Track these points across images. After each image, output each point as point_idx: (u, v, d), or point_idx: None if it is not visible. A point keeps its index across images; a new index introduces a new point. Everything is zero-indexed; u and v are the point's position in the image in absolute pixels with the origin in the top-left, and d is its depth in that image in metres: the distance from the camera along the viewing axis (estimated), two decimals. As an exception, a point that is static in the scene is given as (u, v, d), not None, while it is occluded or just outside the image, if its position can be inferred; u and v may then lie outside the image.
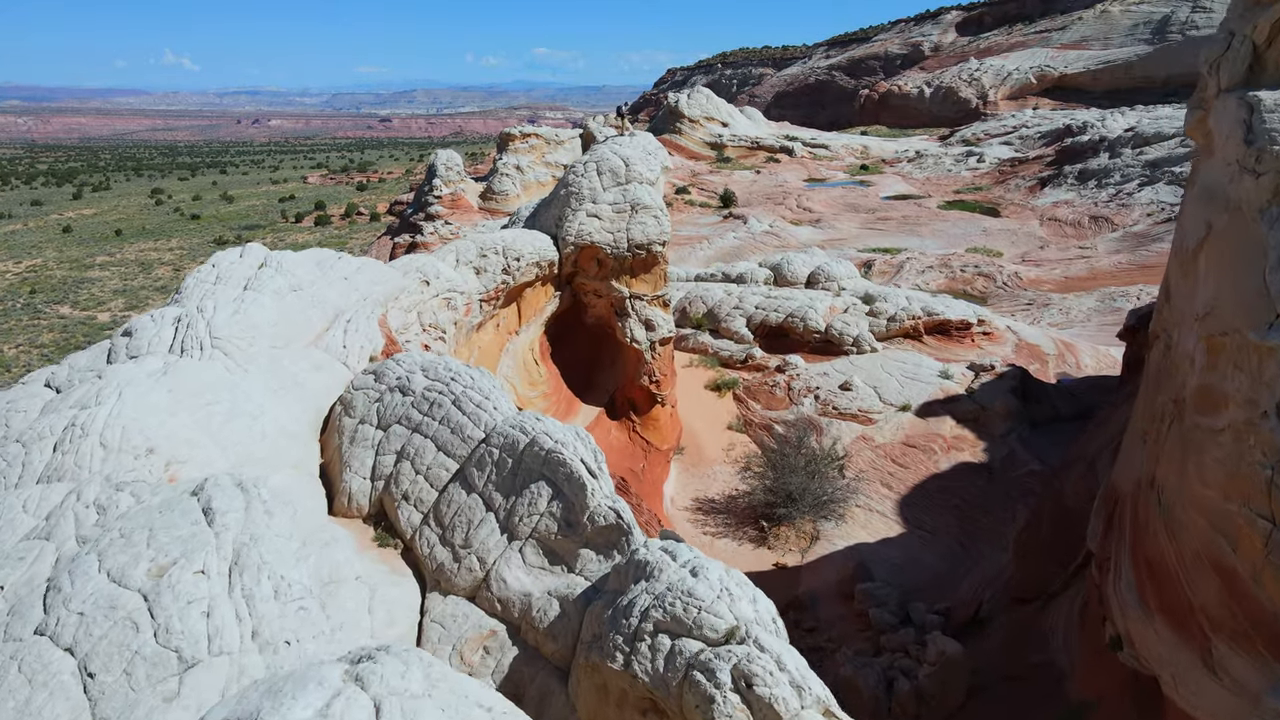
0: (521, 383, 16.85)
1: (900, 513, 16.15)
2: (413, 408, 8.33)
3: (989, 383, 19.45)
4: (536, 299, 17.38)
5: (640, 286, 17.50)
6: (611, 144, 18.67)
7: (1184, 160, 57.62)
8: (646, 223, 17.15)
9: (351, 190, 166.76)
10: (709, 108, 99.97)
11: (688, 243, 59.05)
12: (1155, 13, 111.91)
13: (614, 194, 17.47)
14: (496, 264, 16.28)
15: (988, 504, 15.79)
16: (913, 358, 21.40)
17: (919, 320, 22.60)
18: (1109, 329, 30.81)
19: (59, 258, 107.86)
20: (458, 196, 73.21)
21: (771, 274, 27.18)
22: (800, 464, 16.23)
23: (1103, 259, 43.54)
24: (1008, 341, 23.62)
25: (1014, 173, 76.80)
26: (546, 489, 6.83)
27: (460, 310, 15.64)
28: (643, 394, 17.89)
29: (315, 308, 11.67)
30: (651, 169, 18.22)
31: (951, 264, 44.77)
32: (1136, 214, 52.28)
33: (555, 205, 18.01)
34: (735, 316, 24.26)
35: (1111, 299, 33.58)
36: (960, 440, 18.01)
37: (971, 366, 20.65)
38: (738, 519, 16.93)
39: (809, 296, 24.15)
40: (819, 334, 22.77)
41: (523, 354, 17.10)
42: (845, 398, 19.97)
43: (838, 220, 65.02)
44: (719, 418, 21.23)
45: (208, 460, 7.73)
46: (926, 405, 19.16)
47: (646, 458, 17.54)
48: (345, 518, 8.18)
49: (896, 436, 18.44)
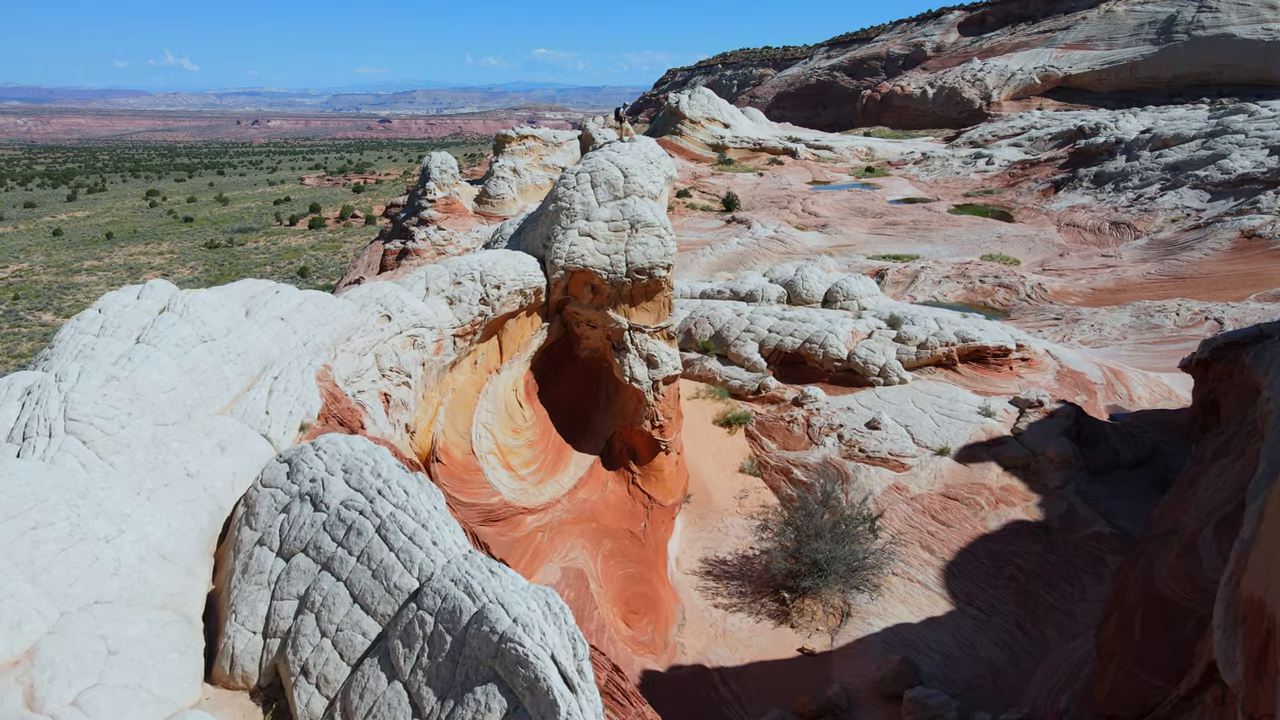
0: (503, 429, 14.48)
1: (946, 583, 13.81)
2: (325, 531, 5.99)
3: (1038, 422, 17.09)
4: (521, 331, 15.01)
5: (641, 317, 15.12)
6: (608, 151, 16.31)
7: (1207, 163, 55.33)
8: (648, 243, 14.78)
9: (348, 192, 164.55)
10: (710, 108, 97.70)
11: (689, 248, 56.76)
12: (1160, 12, 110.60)
13: (610, 209, 15.11)
14: (473, 293, 13.92)
15: (1050, 576, 13.45)
16: (947, 390, 19.02)
17: (952, 347, 20.19)
18: (1148, 348, 28.48)
19: (46, 262, 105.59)
20: (452, 200, 70.90)
21: (784, 291, 24.80)
22: (826, 526, 13.89)
23: (1129, 268, 41.16)
24: (1048, 368, 21.25)
25: (1025, 175, 74.69)
26: (499, 699, 4.48)
27: (429, 349, 13.28)
28: (644, 440, 15.51)
29: (233, 362, 9.29)
30: (654, 180, 15.85)
31: (969, 273, 42.40)
32: (1160, 220, 49.95)
33: (543, 222, 15.64)
34: (746, 340, 21.89)
35: (1147, 314, 31.20)
36: (1009, 492, 15.66)
37: (1015, 402, 18.27)
38: (754, 587, 14.60)
39: (828, 319, 21.74)
40: (840, 362, 20.39)
41: (504, 395, 14.74)
42: (873, 438, 17.61)
43: (845, 225, 62.74)
44: (730, 458, 18.87)
45: (20, 618, 5.37)
46: (967, 449, 16.80)
47: (649, 515, 15.18)
48: (227, 688, 5.82)
49: (935, 486, 16.08)
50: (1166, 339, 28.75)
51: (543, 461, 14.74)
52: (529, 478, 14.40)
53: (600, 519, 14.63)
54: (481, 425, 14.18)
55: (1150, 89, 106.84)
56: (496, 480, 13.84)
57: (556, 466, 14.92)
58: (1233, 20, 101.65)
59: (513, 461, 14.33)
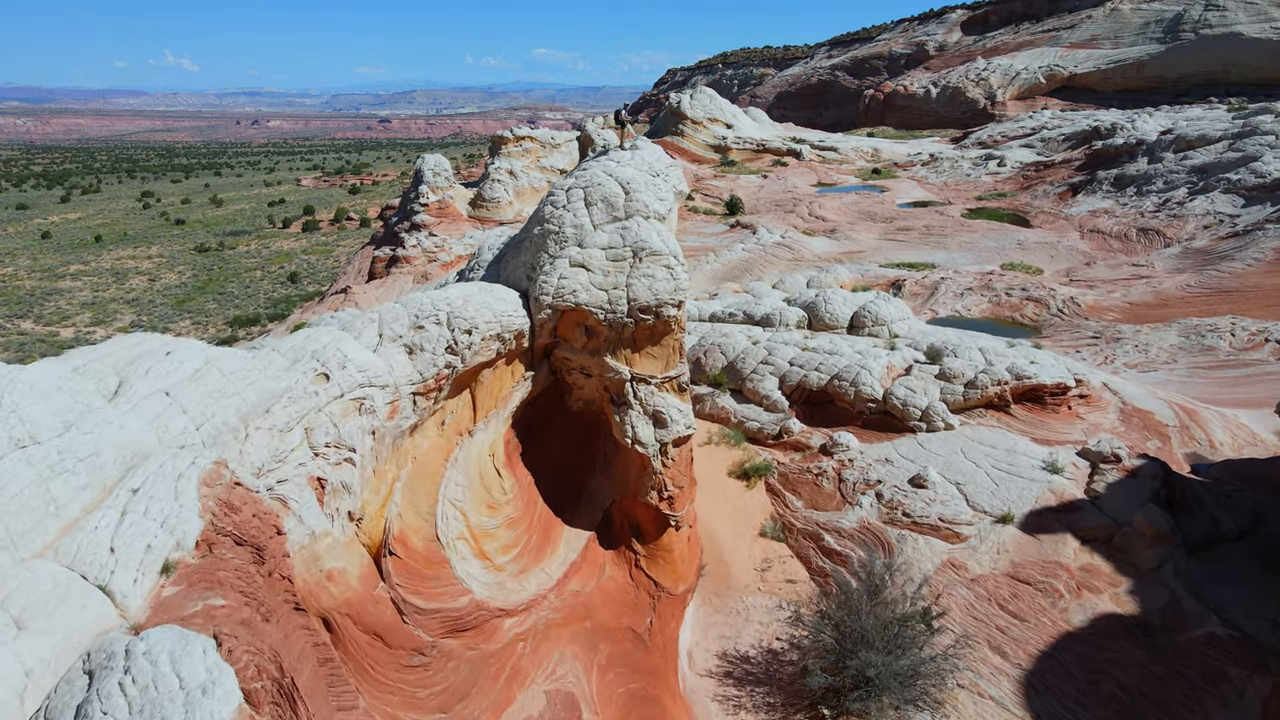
0: (477, 506, 11.75)
1: (1027, 701, 11.05)
2: None
3: (1118, 483, 14.34)
4: (499, 384, 12.28)
5: (646, 365, 12.39)
6: (605, 162, 13.57)
7: (1237, 166, 52.60)
8: (655, 276, 12.05)
9: (344, 194, 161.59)
10: (712, 108, 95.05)
11: (692, 255, 54.08)
12: (1167, 11, 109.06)
13: (609, 234, 12.38)
14: (438, 339, 11.19)
15: (1161, 696, 10.71)
16: (1002, 439, 16.25)
17: (1005, 386, 17.38)
18: (1203, 374, 25.74)
19: (32, 266, 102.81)
20: (445, 204, 68.24)
21: (804, 315, 22.03)
22: (875, 630, 11.16)
23: (1165, 280, 38.41)
24: (1109, 406, 18.50)
25: (1040, 178, 72.21)
26: None
27: (381, 413, 10.55)
28: (650, 515, 12.78)
29: (71, 472, 6.59)
30: (661, 197, 13.11)
31: (993, 285, 39.68)
32: (1191, 226, 47.25)
33: (527, 249, 12.91)
34: (764, 374, 19.15)
35: (1198, 334, 28.46)
36: (1092, 575, 12.94)
37: (1085, 455, 15.49)
38: (785, 698, 11.89)
39: (858, 352, 18.95)
40: (875, 403, 17.62)
41: (479, 463, 12.01)
42: (919, 499, 14.88)
43: (854, 230, 60.10)
44: (749, 518, 16.14)
45: None
46: (1035, 516, 14.06)
47: (655, 608, 12.43)
48: None
49: (999, 564, 13.34)
50: (1224, 363, 26.01)
51: (526, 544, 12.01)
52: (508, 567, 11.67)
53: (596, 615, 11.90)
54: (450, 503, 11.44)
55: (1157, 89, 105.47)
56: (467, 574, 11.11)
57: (543, 550, 12.18)
58: (1240, 19, 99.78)
59: (488, 547, 11.59)
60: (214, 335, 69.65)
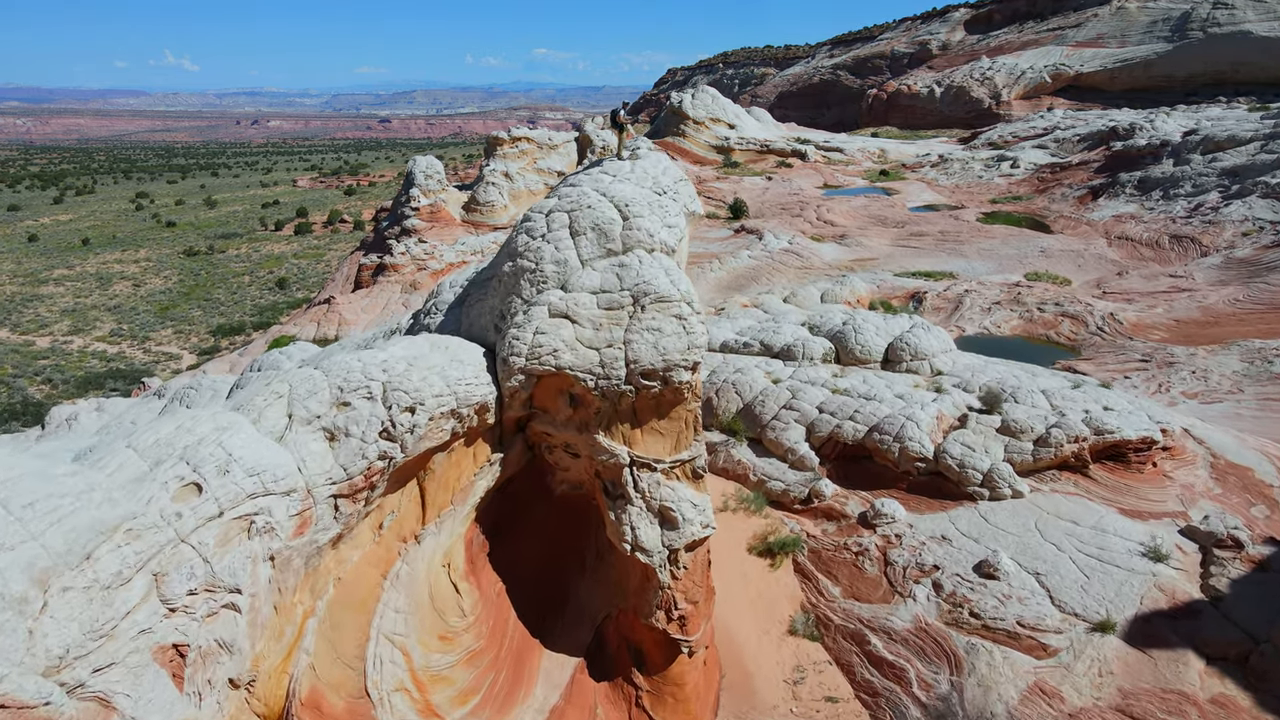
0: (424, 639, 8.79)
1: None
2: None
3: (1244, 579, 11.37)
4: (457, 472, 9.31)
5: (651, 444, 9.41)
6: (598, 176, 10.58)
7: (1274, 169, 49.61)
8: (662, 329, 9.07)
9: (340, 195, 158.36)
10: (714, 108, 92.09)
11: (695, 262, 51.12)
12: (1174, 9, 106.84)
13: (601, 273, 9.41)
14: (369, 421, 8.26)
15: None
16: (1086, 513, 13.22)
17: (1083, 443, 14.32)
18: (1278, 409, 22.77)
19: (15, 270, 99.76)
20: (437, 208, 65.21)
21: (831, 346, 18.98)
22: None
23: (1210, 294, 35.43)
24: (1198, 460, 15.55)
25: (1056, 180, 69.36)
26: None
27: (284, 530, 7.64)
28: (655, 639, 9.81)
29: None
30: (670, 223, 10.12)
31: (1023, 299, 36.69)
32: (1229, 234, 44.27)
33: (495, 291, 9.94)
34: (788, 422, 16.16)
35: (1264, 359, 25.53)
36: (1229, 711, 10.00)
37: (1192, 534, 12.45)
38: None
39: (899, 396, 15.91)
40: (924, 463, 14.63)
41: (429, 578, 9.04)
42: (990, 594, 11.90)
43: (865, 235, 57.16)
44: (774, 609, 13.19)
45: None
46: (1142, 623, 11.06)
47: (662, 766, 9.52)
48: None
49: (1104, 692, 10.36)
50: (1299, 395, 23.07)
51: (491, 688, 9.04)
52: (465, 723, 8.70)
53: (584, 781, 8.94)
54: (387, 639, 8.50)
55: (1165, 88, 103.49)
56: (407, 742, 8.14)
57: (513, 693, 9.21)
58: (1249, 17, 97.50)
59: (439, 698, 8.63)
60: (196, 345, 66.66)
